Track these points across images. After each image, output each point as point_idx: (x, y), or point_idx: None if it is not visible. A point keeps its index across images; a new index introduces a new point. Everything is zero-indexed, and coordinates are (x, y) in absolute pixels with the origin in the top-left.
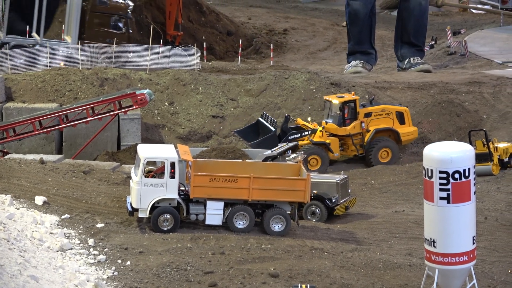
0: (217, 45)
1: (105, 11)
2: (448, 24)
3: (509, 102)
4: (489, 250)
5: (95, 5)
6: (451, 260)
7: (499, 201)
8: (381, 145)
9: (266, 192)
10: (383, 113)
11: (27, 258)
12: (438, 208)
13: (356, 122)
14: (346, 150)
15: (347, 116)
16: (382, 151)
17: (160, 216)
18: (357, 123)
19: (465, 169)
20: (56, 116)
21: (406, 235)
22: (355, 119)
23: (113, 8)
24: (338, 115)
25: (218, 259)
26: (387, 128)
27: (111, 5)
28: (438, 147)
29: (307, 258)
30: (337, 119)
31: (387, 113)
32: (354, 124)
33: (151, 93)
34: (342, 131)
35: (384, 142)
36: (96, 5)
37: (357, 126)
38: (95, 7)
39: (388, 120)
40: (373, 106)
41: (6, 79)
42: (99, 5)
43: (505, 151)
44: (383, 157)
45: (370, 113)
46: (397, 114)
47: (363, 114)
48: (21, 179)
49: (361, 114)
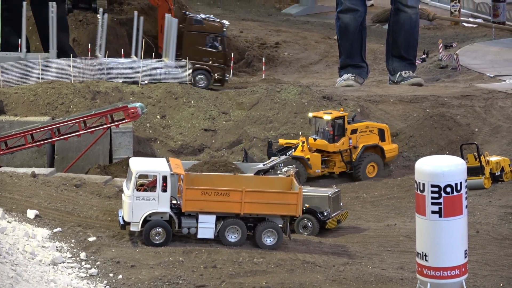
0: None
1: (201, 30)
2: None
3: (500, 116)
4: (481, 264)
5: (191, 24)
6: (443, 274)
7: (491, 215)
8: (368, 160)
9: (258, 206)
10: (367, 129)
11: (19, 272)
12: (430, 222)
13: (344, 138)
14: (332, 167)
15: (336, 132)
16: (369, 166)
17: (152, 229)
18: (345, 140)
19: (457, 183)
20: (48, 129)
21: (398, 249)
22: (343, 136)
23: (209, 27)
24: (327, 131)
25: (210, 272)
26: (375, 144)
27: (206, 24)
28: (429, 161)
29: (299, 271)
30: (326, 136)
31: (370, 130)
32: (343, 140)
33: (143, 107)
34: (332, 147)
35: (370, 157)
36: (192, 25)
37: (346, 143)
38: (191, 27)
39: (373, 137)
40: (358, 123)
41: None
42: (195, 25)
43: (497, 165)
44: (370, 172)
45: (356, 129)
46: (378, 131)
47: (349, 130)
48: (13, 192)
49: (348, 131)
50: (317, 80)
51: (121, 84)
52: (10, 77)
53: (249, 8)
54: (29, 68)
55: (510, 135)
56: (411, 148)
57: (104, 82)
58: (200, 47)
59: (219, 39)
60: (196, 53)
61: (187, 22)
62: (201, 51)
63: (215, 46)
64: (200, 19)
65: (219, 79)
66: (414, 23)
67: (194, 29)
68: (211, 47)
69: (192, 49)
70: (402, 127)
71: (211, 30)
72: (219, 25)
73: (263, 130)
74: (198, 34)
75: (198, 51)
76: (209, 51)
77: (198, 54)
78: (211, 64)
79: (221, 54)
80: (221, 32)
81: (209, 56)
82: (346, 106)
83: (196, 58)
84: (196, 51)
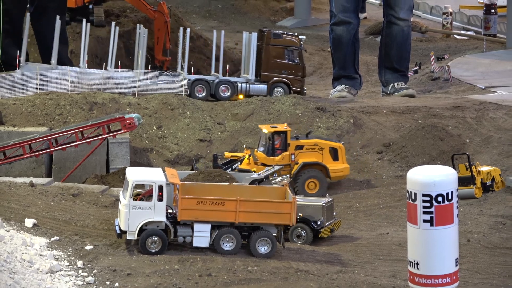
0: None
1: (279, 44)
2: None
3: (491, 127)
4: (472, 272)
5: (270, 38)
6: (434, 282)
7: (481, 224)
8: (307, 176)
9: (252, 215)
10: (315, 147)
11: (17, 280)
12: (422, 230)
13: (285, 153)
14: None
15: (279, 146)
16: (309, 182)
17: (148, 238)
18: (286, 155)
19: (448, 192)
20: (45, 139)
21: (390, 257)
22: (285, 150)
23: (287, 41)
24: (268, 144)
25: (205, 280)
26: (316, 162)
27: (284, 38)
28: (421, 170)
29: (293, 280)
30: (266, 149)
31: (319, 148)
32: (283, 155)
33: (140, 117)
34: (270, 161)
35: (311, 173)
36: (270, 38)
37: (286, 157)
38: (269, 40)
39: (318, 155)
40: (307, 140)
41: None
42: (273, 38)
43: (488, 175)
44: (311, 188)
45: (302, 146)
46: (330, 149)
47: (294, 146)
48: (11, 202)
49: (292, 146)
50: (311, 91)
51: (117, 95)
52: (8, 89)
53: (244, 21)
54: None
55: (500, 145)
56: (403, 158)
57: (101, 93)
58: (278, 60)
59: (297, 52)
60: (275, 67)
61: (266, 37)
62: (280, 64)
63: (292, 60)
64: (279, 33)
65: (297, 91)
66: (406, 35)
67: (272, 42)
68: (289, 61)
69: (271, 63)
70: (394, 138)
71: (289, 44)
72: (297, 39)
73: (258, 140)
74: (277, 48)
75: (277, 64)
76: (287, 64)
77: (277, 68)
78: (289, 77)
79: (298, 67)
80: (298, 46)
81: (287, 69)
82: (339, 117)
83: (275, 71)
84: (275, 64)
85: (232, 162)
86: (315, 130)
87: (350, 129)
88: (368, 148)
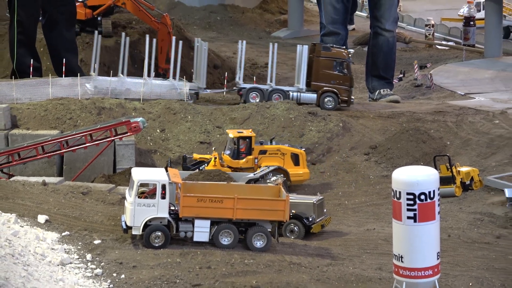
0: None
1: (329, 56)
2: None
3: (470, 130)
4: (452, 265)
5: (320, 50)
6: (417, 274)
7: (461, 220)
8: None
9: (249, 212)
10: (278, 152)
11: (30, 272)
12: (406, 226)
13: (249, 157)
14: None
15: (244, 150)
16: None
17: (152, 233)
18: (250, 158)
19: (430, 191)
20: (57, 142)
21: (376, 251)
22: (250, 155)
23: (335, 53)
24: (234, 148)
25: (205, 272)
26: (277, 167)
27: (334, 50)
28: (405, 171)
29: (286, 272)
30: (231, 152)
31: (282, 153)
32: (247, 158)
33: (144, 121)
34: (235, 163)
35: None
36: (320, 51)
37: (250, 161)
38: (319, 53)
39: (280, 160)
40: (270, 145)
41: (12, 108)
42: (323, 51)
43: (467, 175)
44: None
45: (266, 151)
46: (292, 155)
47: (258, 151)
48: (25, 199)
49: (256, 151)
50: None
51: (124, 100)
52: (23, 94)
53: (241, 32)
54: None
55: (479, 147)
56: (389, 159)
57: (108, 99)
58: (328, 71)
59: (345, 64)
60: (325, 77)
61: (316, 50)
62: (329, 75)
63: (341, 71)
64: (328, 47)
65: (345, 100)
66: (391, 45)
67: (322, 55)
68: (338, 72)
69: (321, 74)
70: (380, 140)
71: (338, 56)
72: (345, 52)
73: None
74: (326, 60)
75: (326, 75)
76: (336, 75)
77: (327, 78)
78: (338, 87)
79: (346, 78)
80: (346, 58)
81: (336, 80)
82: (329, 121)
83: (325, 82)
84: (325, 75)
85: (200, 163)
86: (307, 133)
87: (339, 132)
88: (356, 150)
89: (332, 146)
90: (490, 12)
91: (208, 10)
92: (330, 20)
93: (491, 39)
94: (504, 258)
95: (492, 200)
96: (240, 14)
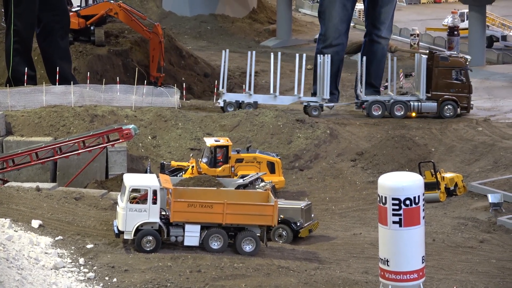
0: (195, 85)
1: (447, 65)
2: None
3: (454, 137)
4: (437, 268)
5: (438, 61)
6: (403, 278)
7: (445, 225)
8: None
9: (238, 217)
10: (254, 161)
11: (24, 275)
12: (391, 231)
13: (226, 165)
14: None
15: (220, 159)
16: None
17: (143, 237)
18: (227, 167)
19: (415, 196)
20: (51, 148)
21: (363, 255)
22: (226, 163)
23: (453, 62)
24: (211, 156)
25: (195, 276)
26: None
27: (451, 60)
28: (391, 177)
29: (275, 275)
30: (209, 160)
31: (258, 161)
32: (224, 167)
33: (136, 128)
34: (212, 171)
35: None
36: (438, 61)
37: (227, 170)
38: (438, 63)
39: (256, 168)
40: (247, 154)
41: (7, 115)
42: (441, 61)
43: (451, 181)
44: None
45: (242, 159)
46: (268, 163)
47: (234, 159)
48: (19, 204)
49: (233, 159)
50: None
51: (116, 108)
52: (17, 102)
53: (231, 41)
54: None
55: (463, 154)
56: (375, 165)
57: (101, 106)
58: (447, 80)
59: (463, 72)
60: (444, 86)
61: (435, 59)
62: (448, 83)
63: (459, 79)
64: (446, 56)
65: (465, 107)
66: (384, 53)
67: (441, 64)
68: (456, 80)
69: (440, 82)
70: (366, 147)
71: (456, 65)
72: (463, 60)
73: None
74: (445, 69)
75: (446, 84)
76: (455, 83)
77: (446, 87)
78: (457, 94)
79: (465, 85)
80: (464, 66)
81: (455, 88)
82: (317, 128)
83: (444, 90)
84: (444, 84)
85: (178, 171)
86: (295, 140)
87: (326, 139)
88: (343, 156)
89: (319, 153)
90: (474, 22)
91: (199, 20)
92: (336, 32)
93: (475, 49)
94: (487, 261)
95: (475, 205)
96: (230, 23)
